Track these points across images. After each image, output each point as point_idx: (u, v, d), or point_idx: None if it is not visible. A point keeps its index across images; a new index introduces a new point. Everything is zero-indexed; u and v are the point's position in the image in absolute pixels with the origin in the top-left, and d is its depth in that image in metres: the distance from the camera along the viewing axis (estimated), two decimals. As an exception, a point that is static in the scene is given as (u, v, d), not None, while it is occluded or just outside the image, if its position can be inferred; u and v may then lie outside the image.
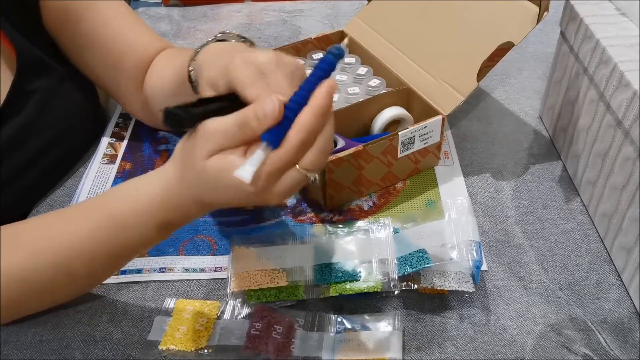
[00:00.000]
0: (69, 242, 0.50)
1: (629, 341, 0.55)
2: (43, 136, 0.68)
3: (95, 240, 0.50)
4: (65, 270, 0.50)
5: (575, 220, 0.67)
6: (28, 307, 0.54)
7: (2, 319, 0.51)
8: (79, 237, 0.50)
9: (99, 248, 0.50)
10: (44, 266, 0.50)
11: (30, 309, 0.55)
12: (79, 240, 0.50)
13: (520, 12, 0.66)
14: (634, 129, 0.55)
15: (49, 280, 0.51)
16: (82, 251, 0.50)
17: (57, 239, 0.50)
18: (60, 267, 0.50)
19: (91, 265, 0.51)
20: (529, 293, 0.59)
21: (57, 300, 0.56)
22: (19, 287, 0.49)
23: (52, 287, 0.52)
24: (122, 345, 0.56)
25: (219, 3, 1.17)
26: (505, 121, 0.82)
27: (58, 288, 0.53)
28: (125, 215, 0.49)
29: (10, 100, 0.63)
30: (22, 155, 0.66)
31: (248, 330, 0.54)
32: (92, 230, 0.50)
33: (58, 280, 0.51)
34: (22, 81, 0.64)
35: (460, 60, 0.69)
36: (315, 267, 0.59)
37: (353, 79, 0.78)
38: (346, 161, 0.64)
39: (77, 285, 0.55)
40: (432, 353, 0.54)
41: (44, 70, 0.67)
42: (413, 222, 0.64)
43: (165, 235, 0.52)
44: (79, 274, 0.51)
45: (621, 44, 0.61)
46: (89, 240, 0.50)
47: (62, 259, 0.50)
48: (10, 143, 0.63)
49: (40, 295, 0.53)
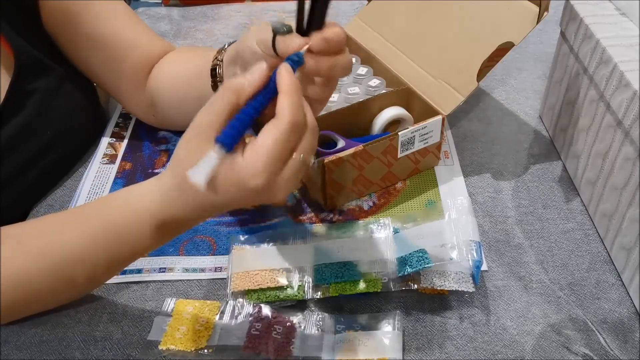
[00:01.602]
0: (69, 248, 0.50)
1: (629, 341, 0.55)
2: (43, 136, 0.68)
3: (96, 247, 0.50)
4: (65, 275, 0.50)
5: (575, 220, 0.67)
6: (28, 309, 0.54)
7: (2, 320, 0.51)
8: (78, 244, 0.50)
9: (98, 255, 0.50)
10: (45, 271, 0.49)
11: (30, 310, 0.55)
12: (79, 247, 0.50)
13: (520, 12, 0.66)
14: (634, 129, 0.55)
15: (49, 284, 0.50)
16: (83, 258, 0.50)
17: (57, 245, 0.50)
18: (60, 272, 0.50)
19: (91, 271, 0.51)
20: (529, 293, 0.59)
21: (58, 302, 0.56)
22: (20, 290, 0.49)
23: (53, 292, 0.52)
24: (122, 345, 0.56)
25: (219, 3, 1.17)
26: (505, 121, 0.82)
27: (59, 292, 0.53)
28: (121, 224, 0.49)
29: (10, 101, 0.63)
30: (22, 155, 0.66)
31: (248, 330, 0.54)
32: (92, 237, 0.50)
33: (58, 285, 0.51)
34: (21, 81, 0.64)
35: (460, 60, 0.69)
36: (315, 267, 0.59)
37: (353, 79, 0.78)
38: (346, 161, 0.64)
39: (77, 290, 0.55)
40: (432, 353, 0.54)
41: (43, 71, 0.67)
42: (413, 222, 0.64)
43: (164, 241, 0.52)
44: (79, 279, 0.51)
45: (621, 44, 0.61)
46: (89, 248, 0.50)
47: (63, 265, 0.50)
48: (10, 143, 0.63)
49: (41, 299, 0.52)
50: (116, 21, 0.69)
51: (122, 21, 0.70)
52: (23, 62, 0.64)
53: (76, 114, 0.73)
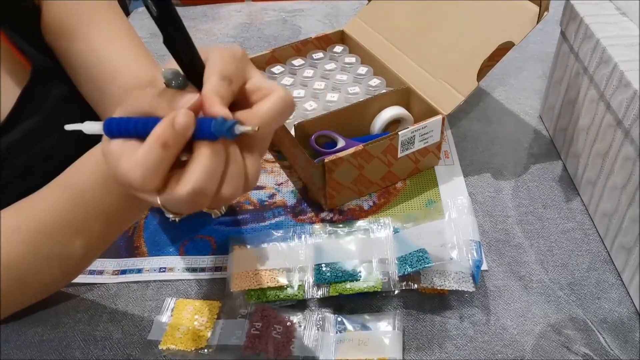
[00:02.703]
0: (42, 221, 0.49)
1: (629, 341, 0.55)
2: (49, 142, 0.68)
3: (66, 215, 0.49)
4: (43, 250, 0.50)
5: (575, 220, 0.67)
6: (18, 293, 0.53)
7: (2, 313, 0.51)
8: (50, 216, 0.49)
9: (65, 222, 0.49)
10: (22, 247, 0.49)
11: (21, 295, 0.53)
12: (50, 218, 0.49)
13: (520, 12, 0.66)
14: (634, 128, 0.55)
15: (29, 262, 0.50)
16: (55, 229, 0.49)
17: (30, 218, 0.49)
18: (38, 248, 0.49)
19: (67, 241, 0.50)
20: (529, 293, 0.59)
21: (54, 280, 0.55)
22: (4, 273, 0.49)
23: (37, 270, 0.51)
24: (122, 345, 0.56)
25: (219, 3, 1.17)
26: (505, 121, 0.82)
27: (43, 269, 0.52)
28: (87, 189, 0.48)
29: (21, 105, 0.63)
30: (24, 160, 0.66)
31: (248, 330, 0.54)
32: (59, 207, 0.49)
33: (40, 261, 0.50)
34: (35, 87, 0.64)
35: (460, 60, 0.69)
36: (315, 267, 0.59)
37: (353, 79, 0.78)
38: (346, 161, 0.64)
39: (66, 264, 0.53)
40: (432, 353, 0.54)
41: (57, 77, 0.67)
42: (413, 221, 0.64)
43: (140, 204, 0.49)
44: (53, 253, 0.50)
45: (621, 43, 0.61)
46: (60, 217, 0.49)
47: (38, 239, 0.49)
48: (14, 148, 0.63)
49: (26, 278, 0.51)
50: (110, 43, 0.68)
51: (116, 44, 0.68)
52: (38, 68, 0.65)
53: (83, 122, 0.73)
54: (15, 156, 0.64)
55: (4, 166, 0.63)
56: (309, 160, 0.65)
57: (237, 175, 0.39)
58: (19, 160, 0.65)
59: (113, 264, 0.63)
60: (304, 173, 0.71)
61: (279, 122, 0.40)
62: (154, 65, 0.72)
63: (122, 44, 0.69)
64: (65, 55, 0.68)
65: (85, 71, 0.68)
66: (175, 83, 0.40)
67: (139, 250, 0.65)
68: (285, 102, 0.40)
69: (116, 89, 0.69)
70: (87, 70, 0.68)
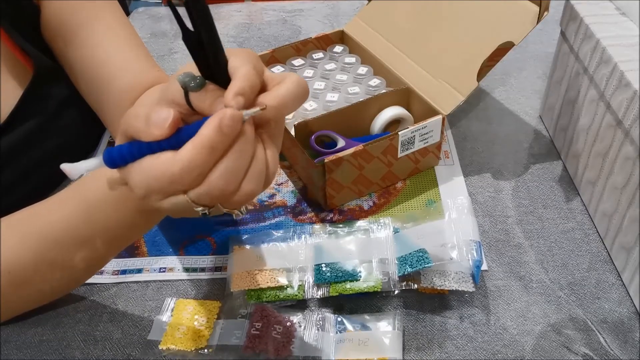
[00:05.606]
0: (49, 230, 0.49)
1: (629, 341, 0.55)
2: (50, 143, 0.68)
3: (74, 227, 0.49)
4: (46, 259, 0.50)
5: (575, 220, 0.67)
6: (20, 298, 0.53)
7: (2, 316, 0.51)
8: (57, 226, 0.49)
9: (76, 235, 0.49)
10: (30, 254, 0.49)
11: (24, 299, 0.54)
12: (57, 228, 0.49)
13: (520, 12, 0.66)
14: (634, 129, 0.55)
15: (33, 268, 0.50)
16: (59, 240, 0.49)
17: (38, 228, 0.50)
18: (44, 255, 0.50)
19: (71, 253, 0.50)
20: (529, 293, 0.59)
21: (54, 289, 0.55)
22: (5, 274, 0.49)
23: (40, 276, 0.51)
24: (122, 345, 0.56)
25: (219, 3, 1.17)
26: (505, 121, 0.82)
27: (47, 277, 0.52)
28: (95, 202, 0.48)
29: (23, 106, 0.63)
30: (25, 161, 0.66)
31: (248, 330, 0.54)
32: (66, 218, 0.49)
33: (45, 268, 0.51)
34: (37, 87, 0.64)
35: (460, 60, 0.69)
36: (315, 267, 0.59)
37: (353, 79, 0.78)
38: (346, 161, 0.64)
39: (68, 274, 0.54)
40: (432, 353, 0.54)
41: (59, 78, 0.67)
42: (413, 221, 0.64)
43: (149, 217, 0.50)
44: (57, 262, 0.51)
45: (621, 43, 0.61)
46: (66, 228, 0.49)
47: (44, 247, 0.49)
48: (15, 149, 0.63)
49: (29, 284, 0.52)
50: (109, 44, 0.67)
51: (115, 44, 0.67)
52: (41, 69, 0.64)
53: (86, 123, 0.73)
54: (16, 157, 0.64)
55: (4, 167, 0.63)
56: (309, 160, 0.65)
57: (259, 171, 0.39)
58: (20, 161, 0.65)
59: (113, 264, 0.63)
60: (304, 173, 0.71)
61: (295, 103, 0.41)
62: (154, 65, 0.71)
63: (122, 44, 0.68)
64: (64, 55, 0.68)
65: (84, 71, 0.68)
66: (194, 84, 0.39)
67: (139, 250, 0.65)
68: (300, 85, 0.40)
69: (116, 89, 0.68)
70: (86, 70, 0.68)
